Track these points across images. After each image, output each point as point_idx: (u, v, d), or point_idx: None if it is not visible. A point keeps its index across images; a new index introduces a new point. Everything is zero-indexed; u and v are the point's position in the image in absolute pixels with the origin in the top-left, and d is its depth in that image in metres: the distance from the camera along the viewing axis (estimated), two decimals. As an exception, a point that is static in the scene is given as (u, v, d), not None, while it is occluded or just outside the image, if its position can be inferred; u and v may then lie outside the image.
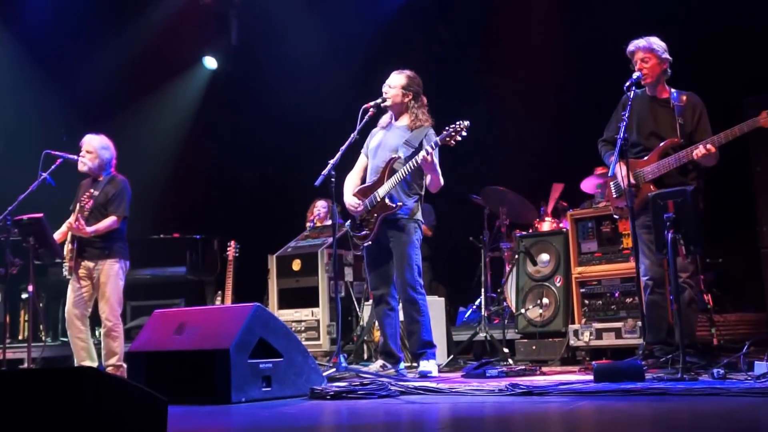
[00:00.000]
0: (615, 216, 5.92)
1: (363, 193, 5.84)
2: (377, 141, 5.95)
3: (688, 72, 5.60)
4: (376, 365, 5.83)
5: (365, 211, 5.78)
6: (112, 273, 6.30)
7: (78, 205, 6.32)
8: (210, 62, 11.38)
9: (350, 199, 5.87)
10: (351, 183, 6.00)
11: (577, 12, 8.90)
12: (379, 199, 5.70)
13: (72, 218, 6.27)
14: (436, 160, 5.60)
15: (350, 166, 6.00)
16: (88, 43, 10.17)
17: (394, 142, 5.81)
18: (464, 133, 5.44)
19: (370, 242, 5.79)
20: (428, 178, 5.74)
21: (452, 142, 5.47)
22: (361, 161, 6.08)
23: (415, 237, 5.72)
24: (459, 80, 9.66)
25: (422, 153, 5.49)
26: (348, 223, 5.97)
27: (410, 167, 5.59)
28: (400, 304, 5.86)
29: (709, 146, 5.04)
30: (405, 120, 5.87)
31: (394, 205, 5.65)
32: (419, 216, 5.79)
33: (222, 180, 11.37)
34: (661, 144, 5.28)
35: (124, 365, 6.10)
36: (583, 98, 8.33)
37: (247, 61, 11.16)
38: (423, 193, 5.86)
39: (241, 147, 11.26)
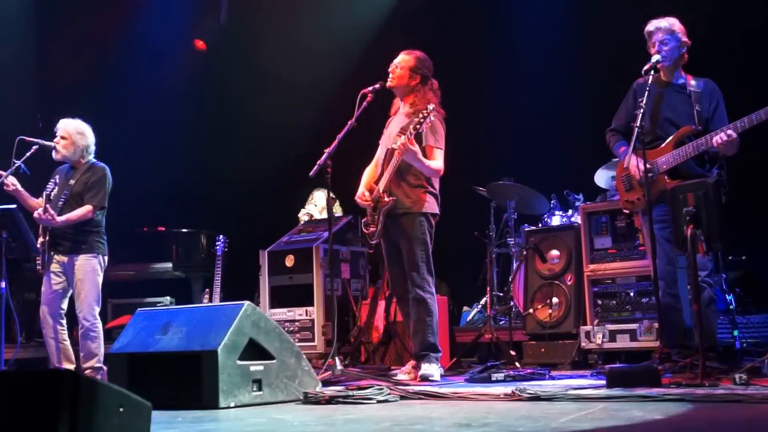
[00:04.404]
0: (625, 210, 5.92)
1: (376, 185, 5.89)
2: (387, 131, 5.99)
3: (704, 54, 5.60)
4: (408, 366, 5.87)
5: (372, 206, 5.82)
6: (89, 268, 6.27)
7: (44, 194, 6.27)
8: (199, 44, 11.38)
9: (359, 192, 5.93)
10: (366, 175, 6.05)
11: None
12: (379, 194, 5.73)
13: (40, 208, 6.22)
14: (417, 147, 5.54)
15: (347, 154, 6.00)
16: (66, 21, 10.16)
17: (395, 131, 5.83)
18: (431, 118, 5.47)
19: (376, 239, 5.83)
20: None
21: (423, 128, 5.50)
22: (378, 152, 6.10)
23: (420, 231, 5.71)
24: (466, 65, 9.68)
25: (399, 142, 5.51)
26: (364, 220, 6.01)
27: (395, 159, 5.60)
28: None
29: (729, 132, 5.02)
30: (407, 106, 5.88)
31: (387, 200, 5.67)
32: (427, 208, 5.76)
33: (210, 169, 11.35)
34: (677, 132, 5.27)
35: (104, 368, 6.10)
36: (596, 87, 8.33)
37: (237, 44, 11.15)
38: (432, 182, 5.82)
39: (231, 134, 11.25)
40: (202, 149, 11.31)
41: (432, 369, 5.59)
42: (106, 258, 6.43)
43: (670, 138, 5.28)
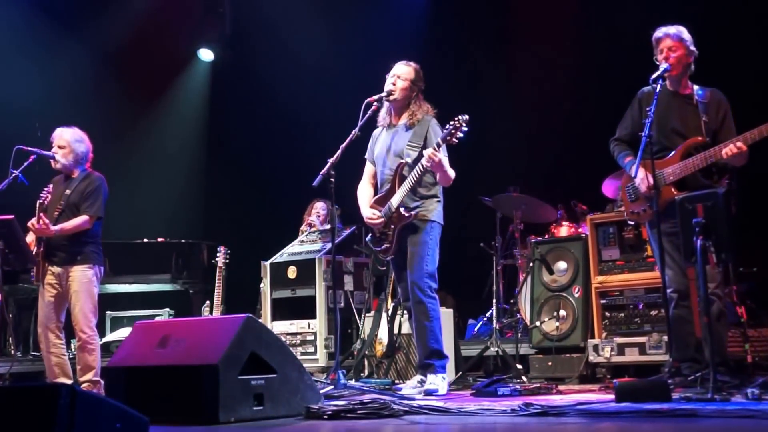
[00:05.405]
0: (630, 222, 5.91)
1: (379, 203, 5.92)
2: (381, 146, 6.00)
3: (709, 64, 5.60)
4: (414, 380, 5.87)
5: (383, 224, 5.83)
6: (85, 280, 6.25)
7: (38, 202, 6.26)
8: (205, 54, 11.40)
9: (368, 212, 5.95)
10: (364, 194, 6.09)
11: (598, 8, 8.94)
12: (393, 210, 5.74)
13: (34, 218, 6.21)
14: (444, 157, 5.60)
15: (351, 164, 6.00)
16: (67, 28, 10.18)
17: (398, 146, 5.86)
18: (465, 128, 5.48)
19: (392, 255, 5.87)
20: (437, 176, 5.76)
21: (454, 140, 5.52)
22: (368, 169, 6.15)
23: (428, 236, 5.75)
24: (472, 74, 9.71)
25: (427, 153, 5.51)
26: (369, 237, 6.01)
27: (420, 170, 5.63)
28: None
29: (739, 144, 5.00)
30: (405, 118, 5.90)
31: (408, 215, 5.70)
32: (435, 216, 5.81)
33: (211, 179, 11.36)
34: (684, 143, 5.25)
35: (102, 381, 6.08)
36: (604, 96, 8.34)
37: (239, 55, 11.18)
38: (440, 192, 5.88)
39: (232, 143, 11.27)
40: (202, 160, 11.32)
41: (437, 381, 5.58)
42: (102, 269, 6.42)
43: (678, 149, 5.26)
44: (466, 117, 5.47)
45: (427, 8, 10.31)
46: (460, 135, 5.49)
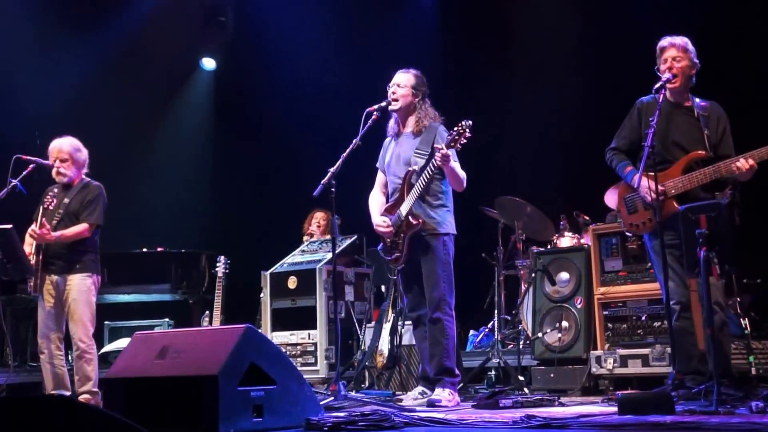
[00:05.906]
0: (628, 234, 5.89)
1: (389, 211, 5.92)
2: (390, 155, 6.01)
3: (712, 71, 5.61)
4: (415, 392, 5.88)
5: (393, 232, 5.82)
6: (83, 288, 6.23)
7: (41, 208, 6.25)
8: (208, 63, 11.42)
9: (378, 220, 5.93)
10: (375, 202, 6.08)
11: (602, 20, 8.97)
12: (402, 218, 5.74)
13: (34, 224, 6.20)
14: (455, 162, 5.61)
15: (352, 174, 6.00)
16: (68, 38, 10.20)
17: (406, 154, 5.85)
18: (468, 134, 5.48)
19: (402, 264, 5.84)
20: (448, 178, 5.76)
21: (458, 145, 5.51)
22: (380, 177, 6.16)
23: (442, 252, 5.74)
24: (474, 83, 9.72)
25: (437, 153, 5.51)
26: (380, 246, 6.01)
27: (427, 176, 5.62)
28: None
29: (751, 161, 5.00)
30: (411, 125, 5.90)
31: (416, 223, 5.68)
32: (448, 228, 5.80)
33: (210, 189, 11.36)
34: (686, 156, 5.25)
35: (99, 392, 6.05)
36: (606, 106, 8.35)
37: (241, 63, 11.20)
38: (450, 201, 5.88)
39: (232, 152, 11.27)
40: (202, 169, 11.32)
41: (443, 395, 5.57)
42: (100, 277, 6.40)
43: (679, 162, 5.25)
44: (470, 122, 5.48)
45: (432, 19, 10.33)
46: (464, 141, 5.49)
